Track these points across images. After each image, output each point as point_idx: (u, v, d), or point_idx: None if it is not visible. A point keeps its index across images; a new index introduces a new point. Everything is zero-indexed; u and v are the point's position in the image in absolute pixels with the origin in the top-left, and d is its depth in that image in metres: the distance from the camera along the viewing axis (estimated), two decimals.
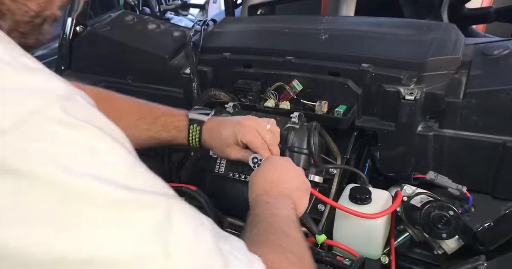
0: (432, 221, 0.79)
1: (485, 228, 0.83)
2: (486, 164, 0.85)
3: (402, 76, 0.88)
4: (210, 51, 1.09)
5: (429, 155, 0.89)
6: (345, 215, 0.85)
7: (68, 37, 1.27)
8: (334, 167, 0.90)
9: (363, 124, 0.94)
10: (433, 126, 0.88)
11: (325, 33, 1.02)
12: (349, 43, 0.98)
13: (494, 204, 0.87)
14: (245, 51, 1.06)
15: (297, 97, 0.98)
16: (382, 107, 0.91)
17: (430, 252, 0.91)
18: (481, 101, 0.81)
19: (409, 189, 0.88)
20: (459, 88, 0.84)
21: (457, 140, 0.85)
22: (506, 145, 0.81)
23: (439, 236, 0.79)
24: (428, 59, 0.86)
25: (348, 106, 0.93)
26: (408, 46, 0.93)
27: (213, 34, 1.14)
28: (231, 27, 1.18)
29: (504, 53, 0.86)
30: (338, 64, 0.94)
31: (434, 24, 1.00)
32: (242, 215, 0.96)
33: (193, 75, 1.07)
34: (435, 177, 0.85)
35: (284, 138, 0.86)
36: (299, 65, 0.97)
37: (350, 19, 1.49)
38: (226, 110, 0.96)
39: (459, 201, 0.88)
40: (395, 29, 1.00)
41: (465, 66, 0.88)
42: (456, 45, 0.90)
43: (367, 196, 0.83)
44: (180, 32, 1.20)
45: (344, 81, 0.92)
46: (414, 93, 0.85)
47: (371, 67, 0.90)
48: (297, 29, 1.08)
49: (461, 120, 0.84)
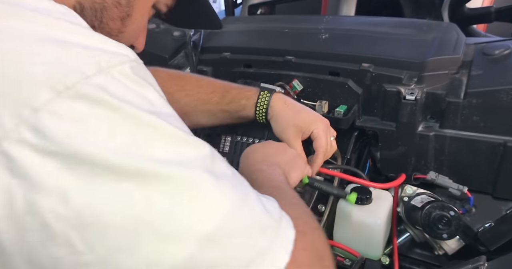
0: (432, 222, 0.79)
1: (486, 228, 0.83)
2: (487, 164, 0.84)
3: (402, 76, 0.87)
4: (210, 51, 1.09)
5: (430, 155, 0.89)
6: (346, 215, 0.85)
7: None
8: (335, 167, 0.90)
9: (363, 124, 0.94)
10: (434, 126, 0.88)
11: (325, 33, 1.01)
12: (350, 43, 0.98)
13: (495, 205, 0.87)
14: (245, 51, 1.06)
15: (297, 97, 0.97)
16: (383, 107, 0.91)
17: (431, 252, 0.91)
18: (482, 101, 0.81)
19: (410, 189, 0.88)
20: (459, 88, 0.84)
21: (458, 140, 0.85)
22: (506, 145, 0.81)
23: (440, 237, 0.79)
24: (428, 59, 0.86)
25: (348, 106, 0.93)
26: (408, 46, 0.93)
27: (213, 33, 1.14)
28: (231, 27, 1.17)
29: (505, 53, 0.86)
30: (339, 64, 0.94)
31: (435, 24, 1.00)
32: None
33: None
34: (436, 177, 0.85)
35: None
36: (299, 65, 0.97)
37: (350, 19, 1.48)
38: None
39: (460, 201, 0.88)
40: (396, 29, 1.00)
41: (466, 66, 0.88)
42: (457, 45, 0.90)
43: (368, 196, 0.83)
44: (180, 31, 1.19)
45: (344, 81, 0.92)
46: (414, 93, 0.85)
47: (372, 67, 0.90)
48: (297, 29, 1.08)
49: (462, 120, 0.84)
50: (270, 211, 0.42)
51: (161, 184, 0.35)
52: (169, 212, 0.35)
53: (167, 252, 0.35)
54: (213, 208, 0.37)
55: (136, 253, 0.34)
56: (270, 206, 0.43)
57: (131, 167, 0.34)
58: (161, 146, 0.37)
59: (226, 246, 0.37)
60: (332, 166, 0.89)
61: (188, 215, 0.36)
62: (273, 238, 0.40)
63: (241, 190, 0.41)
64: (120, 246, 0.34)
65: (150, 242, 0.34)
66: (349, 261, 0.79)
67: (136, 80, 0.39)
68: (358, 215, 0.83)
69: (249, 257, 0.38)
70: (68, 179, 0.33)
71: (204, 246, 0.35)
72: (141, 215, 0.34)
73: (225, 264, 0.36)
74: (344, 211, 0.85)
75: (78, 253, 0.34)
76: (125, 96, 0.37)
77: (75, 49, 0.37)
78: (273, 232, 0.40)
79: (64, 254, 0.34)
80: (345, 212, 0.85)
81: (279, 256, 0.39)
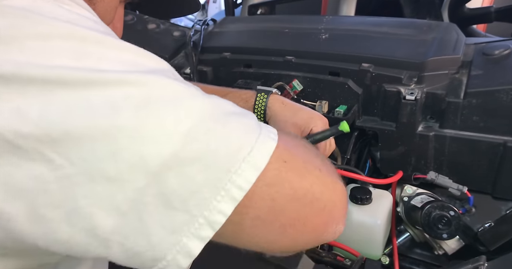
0: (432, 221, 0.79)
1: (486, 228, 0.83)
2: (487, 164, 0.85)
3: (402, 76, 0.88)
4: (210, 51, 1.09)
5: (430, 155, 0.89)
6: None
7: None
8: (334, 167, 0.90)
9: (363, 124, 0.94)
10: (434, 126, 0.88)
11: (325, 33, 1.01)
12: (350, 43, 0.98)
13: (495, 204, 0.87)
14: (245, 51, 1.06)
15: (297, 97, 0.97)
16: (383, 107, 0.91)
17: (431, 252, 0.91)
18: (481, 101, 0.81)
19: (410, 189, 0.88)
20: (459, 88, 0.84)
21: (457, 140, 0.85)
22: (506, 145, 0.81)
23: (440, 237, 0.79)
24: (428, 59, 0.86)
25: (348, 106, 0.93)
26: (408, 46, 0.93)
27: (213, 34, 1.14)
28: (231, 27, 1.17)
29: (505, 53, 0.86)
30: (339, 64, 0.94)
31: (435, 24, 1.00)
32: None
33: (193, 75, 1.07)
34: (436, 177, 0.85)
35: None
36: (299, 65, 0.97)
37: (350, 19, 1.48)
38: None
39: (460, 201, 0.88)
40: (396, 29, 1.00)
41: (466, 66, 0.88)
42: (457, 45, 0.90)
43: (368, 196, 0.83)
44: (180, 32, 1.20)
45: (344, 81, 0.92)
46: (414, 93, 0.85)
47: (372, 67, 0.90)
48: (297, 29, 1.08)
49: (461, 120, 0.84)
50: (249, 118, 0.41)
51: (121, 88, 0.34)
52: (137, 115, 0.34)
53: (149, 154, 0.34)
54: (185, 106, 0.36)
55: (118, 159, 0.33)
56: (249, 117, 0.42)
57: (83, 76, 0.34)
58: (115, 55, 0.37)
59: (208, 140, 0.36)
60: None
61: (159, 115, 0.35)
62: (256, 128, 0.39)
63: (212, 97, 0.40)
64: (98, 155, 0.33)
65: (128, 146, 0.34)
66: (349, 261, 0.79)
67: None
68: (358, 215, 0.83)
69: (236, 146, 0.37)
70: (22, 100, 0.32)
71: (186, 143, 0.35)
72: (107, 121, 0.33)
73: (213, 156, 0.36)
74: None
75: (59, 166, 0.33)
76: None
77: None
78: (255, 126, 0.40)
79: (44, 169, 0.33)
80: None
81: (266, 142, 0.38)
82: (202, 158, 0.35)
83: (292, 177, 0.40)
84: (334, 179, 0.44)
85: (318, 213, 0.41)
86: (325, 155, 0.82)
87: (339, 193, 0.44)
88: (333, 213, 0.43)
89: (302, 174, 0.41)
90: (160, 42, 1.17)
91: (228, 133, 0.37)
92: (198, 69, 1.08)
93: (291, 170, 0.40)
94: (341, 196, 0.44)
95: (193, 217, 0.36)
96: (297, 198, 0.40)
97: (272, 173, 0.38)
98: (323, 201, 0.42)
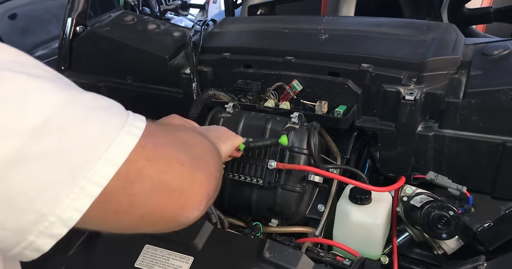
0: (432, 221, 0.79)
1: (485, 228, 0.83)
2: (486, 164, 0.85)
3: (402, 76, 0.88)
4: (210, 51, 1.09)
5: (429, 155, 0.89)
6: (345, 215, 0.85)
7: (68, 37, 1.26)
8: (334, 167, 0.90)
9: (363, 124, 0.94)
10: (433, 126, 0.88)
11: (325, 33, 1.02)
12: (349, 43, 0.98)
13: (494, 204, 0.87)
14: (245, 51, 1.06)
15: (297, 97, 0.98)
16: (382, 107, 0.91)
17: (430, 252, 0.91)
18: (481, 101, 0.82)
19: (409, 189, 0.88)
20: (459, 88, 0.84)
21: (457, 140, 0.85)
22: (505, 145, 0.81)
23: (439, 236, 0.80)
24: (428, 59, 0.86)
25: (348, 106, 0.93)
26: (408, 46, 0.93)
27: (213, 34, 1.14)
28: (231, 27, 1.18)
29: (504, 53, 0.86)
30: (338, 64, 0.94)
31: (434, 24, 1.00)
32: (242, 215, 0.96)
33: (193, 75, 1.07)
34: (435, 177, 0.85)
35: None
36: (299, 65, 0.97)
37: (350, 19, 1.49)
38: (226, 110, 0.96)
39: (459, 201, 0.88)
40: (395, 29, 1.00)
41: (465, 66, 0.88)
42: (456, 45, 0.90)
43: (367, 196, 0.83)
44: (180, 32, 1.20)
45: (344, 81, 0.92)
46: (414, 93, 0.85)
47: (371, 67, 0.90)
48: (297, 29, 1.08)
49: (461, 120, 0.84)
50: (113, 112, 0.40)
51: None
52: None
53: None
54: (33, 101, 0.35)
55: None
56: (113, 111, 0.41)
57: None
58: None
59: (60, 136, 0.35)
60: (332, 166, 0.89)
61: (5, 110, 0.33)
62: (118, 124, 0.39)
63: (75, 91, 0.39)
64: None
65: None
66: (349, 261, 0.79)
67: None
68: (358, 215, 0.83)
69: (92, 143, 0.36)
70: None
71: (34, 139, 0.34)
72: None
73: (65, 152, 0.35)
74: (343, 211, 0.85)
75: None
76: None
77: None
78: (117, 122, 0.39)
79: None
80: (345, 212, 0.85)
81: (126, 139, 0.38)
82: (52, 155, 0.34)
83: (154, 173, 0.41)
84: (194, 172, 0.46)
85: (174, 202, 0.44)
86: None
87: (196, 184, 0.46)
88: (189, 201, 0.45)
89: (164, 170, 0.42)
90: (160, 43, 1.17)
91: (85, 129, 0.36)
92: (198, 69, 1.08)
93: (154, 167, 0.41)
94: (198, 188, 0.47)
95: (42, 216, 0.35)
96: (157, 192, 0.42)
97: (134, 171, 0.39)
98: (180, 191, 0.44)
